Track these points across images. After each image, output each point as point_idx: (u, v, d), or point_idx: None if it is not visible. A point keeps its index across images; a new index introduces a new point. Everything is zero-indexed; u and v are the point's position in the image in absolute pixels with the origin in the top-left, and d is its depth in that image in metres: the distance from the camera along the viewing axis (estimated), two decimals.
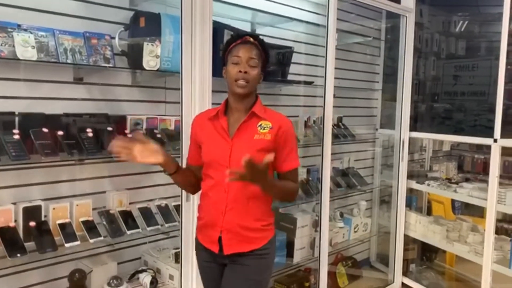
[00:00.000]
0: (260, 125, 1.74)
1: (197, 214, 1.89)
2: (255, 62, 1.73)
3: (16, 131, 1.83)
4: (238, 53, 1.72)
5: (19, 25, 1.85)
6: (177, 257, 2.27)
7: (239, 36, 1.78)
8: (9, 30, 1.81)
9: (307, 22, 3.17)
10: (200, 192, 1.86)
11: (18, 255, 1.78)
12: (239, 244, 1.74)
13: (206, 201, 1.80)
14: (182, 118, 2.05)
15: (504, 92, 2.84)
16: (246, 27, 2.80)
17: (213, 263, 1.82)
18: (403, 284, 3.72)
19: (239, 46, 1.74)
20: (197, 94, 2.05)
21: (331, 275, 3.43)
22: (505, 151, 2.98)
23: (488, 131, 2.95)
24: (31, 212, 1.92)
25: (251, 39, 1.76)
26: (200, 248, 1.85)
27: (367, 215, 3.80)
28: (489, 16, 3.94)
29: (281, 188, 1.77)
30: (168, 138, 2.30)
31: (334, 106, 2.90)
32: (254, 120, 1.75)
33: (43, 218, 1.95)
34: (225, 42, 1.83)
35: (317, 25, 3.12)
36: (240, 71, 1.69)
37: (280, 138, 1.74)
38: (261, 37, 1.84)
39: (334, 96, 2.90)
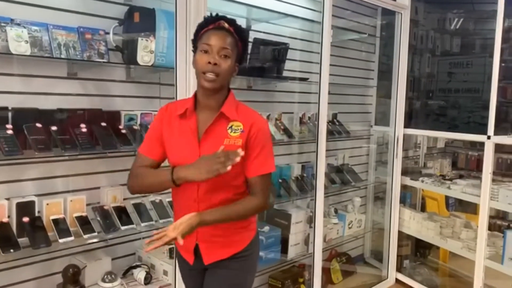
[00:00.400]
0: (231, 127, 1.55)
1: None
2: (228, 52, 1.50)
3: (9, 126, 1.82)
4: (209, 41, 1.49)
5: (12, 20, 1.84)
6: (171, 253, 2.27)
7: (212, 20, 1.54)
8: (2, 24, 1.80)
9: (303, 19, 3.17)
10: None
11: (12, 250, 1.77)
12: (219, 250, 1.63)
13: (177, 210, 1.67)
14: None
15: (498, 89, 2.86)
16: (241, 23, 2.77)
17: (193, 270, 1.74)
18: (396, 280, 3.74)
19: (211, 32, 1.51)
20: (191, 90, 2.04)
21: (325, 271, 3.44)
22: (499, 148, 3.00)
23: (481, 128, 2.97)
24: (25, 208, 1.91)
25: (226, 25, 1.53)
26: (179, 255, 1.76)
27: (361, 212, 3.82)
28: (484, 13, 3.95)
29: (230, 216, 1.56)
30: None
31: (329, 103, 2.90)
32: (223, 120, 1.56)
33: (36, 214, 1.94)
34: (197, 26, 1.58)
35: (313, 21, 3.12)
36: (209, 62, 1.47)
37: (249, 140, 1.55)
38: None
39: (329, 93, 2.91)
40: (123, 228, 2.11)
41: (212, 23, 1.53)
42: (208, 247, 1.62)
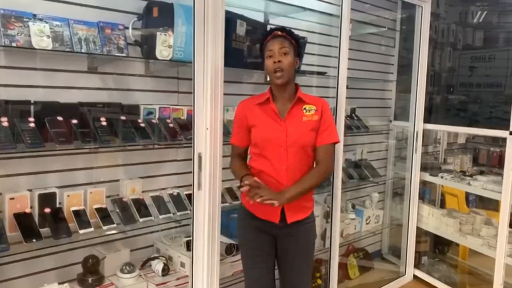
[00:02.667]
0: (305, 108, 2.01)
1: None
2: (286, 50, 1.94)
3: (31, 119, 1.86)
4: (270, 47, 1.95)
5: (34, 15, 1.88)
6: (189, 245, 2.30)
7: (269, 32, 2.02)
8: (25, 20, 1.84)
9: (321, 12, 3.15)
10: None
11: (34, 240, 1.82)
12: (297, 213, 2.05)
13: (263, 179, 1.97)
14: (194, 108, 2.06)
15: None
16: (259, 17, 2.79)
17: (264, 233, 2.08)
18: (414, 276, 3.71)
19: (270, 41, 1.97)
20: (209, 84, 2.05)
21: (342, 266, 3.44)
22: None
23: (504, 123, 2.90)
24: (46, 199, 1.96)
25: (279, 32, 1.99)
26: (252, 218, 2.08)
27: (379, 207, 3.79)
28: (508, 6, 3.85)
29: (310, 187, 2.01)
30: (181, 128, 2.31)
31: (347, 97, 2.88)
32: (299, 105, 2.02)
33: (57, 205, 1.99)
34: (260, 40, 2.08)
35: (331, 15, 3.09)
36: (274, 62, 1.93)
37: (322, 116, 2.02)
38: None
39: (348, 87, 2.88)
40: (141, 220, 2.15)
41: (269, 35, 2.00)
42: (290, 209, 2.02)
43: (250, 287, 2.14)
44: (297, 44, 2.03)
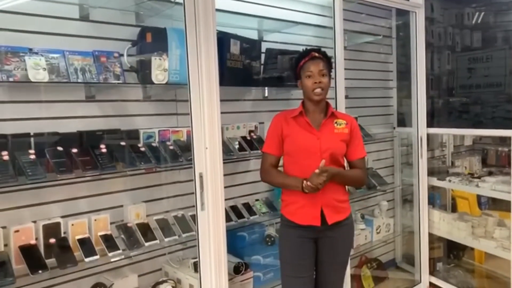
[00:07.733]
0: (336, 122, 2.22)
1: (284, 200, 2.27)
2: (324, 72, 2.14)
3: (32, 151, 1.89)
4: (310, 68, 2.13)
5: (30, 49, 1.92)
6: (196, 267, 2.28)
7: (306, 54, 2.18)
8: (21, 54, 1.88)
9: (314, 25, 3.17)
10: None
11: (40, 271, 1.83)
12: (336, 214, 2.19)
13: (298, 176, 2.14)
14: (192, 128, 2.07)
15: None
16: (253, 35, 2.82)
17: (306, 238, 2.19)
18: (430, 283, 3.64)
19: (308, 62, 2.15)
20: (206, 104, 2.06)
21: (356, 278, 3.39)
22: None
23: (507, 123, 2.87)
24: (51, 229, 1.97)
25: (316, 54, 2.16)
26: (294, 227, 2.20)
27: (389, 216, 3.75)
28: (503, 5, 3.84)
29: (349, 177, 2.26)
30: (181, 149, 2.33)
31: (347, 107, 2.88)
32: (331, 119, 2.21)
33: (62, 235, 2.00)
34: (295, 59, 2.24)
35: (324, 27, 3.11)
36: (315, 83, 2.11)
37: (352, 132, 2.23)
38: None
39: (346, 97, 2.89)
40: (147, 244, 2.15)
41: (306, 56, 2.17)
42: (329, 211, 2.17)
43: None
44: (331, 65, 2.23)
